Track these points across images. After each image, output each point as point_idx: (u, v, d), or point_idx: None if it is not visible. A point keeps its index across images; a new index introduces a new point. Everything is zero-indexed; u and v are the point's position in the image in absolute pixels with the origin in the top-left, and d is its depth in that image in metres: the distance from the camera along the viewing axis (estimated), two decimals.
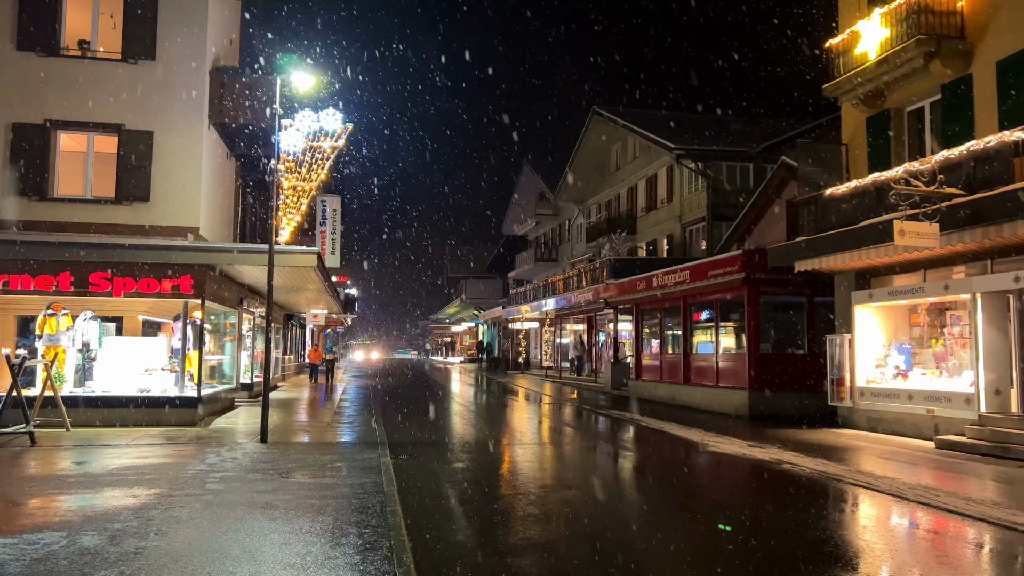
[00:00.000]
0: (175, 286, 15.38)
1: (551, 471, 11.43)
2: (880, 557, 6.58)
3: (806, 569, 6.14)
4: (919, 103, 14.96)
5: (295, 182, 16.00)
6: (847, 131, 16.77)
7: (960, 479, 10.29)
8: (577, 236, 44.52)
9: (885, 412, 15.08)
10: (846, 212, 15.02)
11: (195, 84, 16.86)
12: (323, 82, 13.94)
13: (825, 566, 6.20)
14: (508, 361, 49.78)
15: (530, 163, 51.61)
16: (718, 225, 29.89)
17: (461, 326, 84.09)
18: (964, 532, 7.50)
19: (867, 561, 6.44)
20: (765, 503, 8.93)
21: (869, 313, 15.97)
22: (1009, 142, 11.39)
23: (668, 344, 24.40)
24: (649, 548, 6.94)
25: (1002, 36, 12.92)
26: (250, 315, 23.60)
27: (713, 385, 20.71)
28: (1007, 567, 6.59)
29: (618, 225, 36.40)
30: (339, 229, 24.34)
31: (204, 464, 10.61)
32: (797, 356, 19.50)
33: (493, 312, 52.47)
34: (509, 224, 58.61)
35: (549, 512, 8.33)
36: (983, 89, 13.23)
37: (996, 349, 12.94)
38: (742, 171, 31.01)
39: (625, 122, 35.05)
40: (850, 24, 15.93)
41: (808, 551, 6.70)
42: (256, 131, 18.00)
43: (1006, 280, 12.36)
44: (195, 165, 16.58)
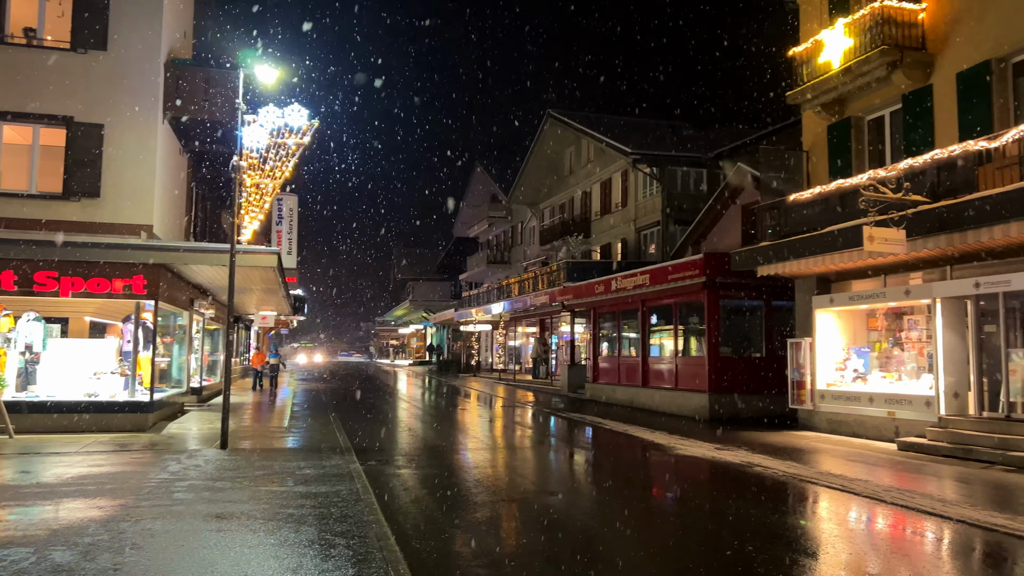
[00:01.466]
0: (127, 286, 14.75)
1: (528, 477, 11.27)
2: (876, 559, 6.61)
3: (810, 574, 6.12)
4: (880, 112, 15.29)
5: (258, 179, 15.51)
6: (808, 138, 17.05)
7: (929, 480, 10.48)
8: (530, 239, 44.51)
9: (846, 415, 15.35)
10: (809, 217, 15.25)
11: (149, 76, 16.21)
12: (288, 76, 13.53)
13: (829, 569, 6.19)
14: (460, 364, 49.46)
15: (482, 165, 51.43)
16: (672, 230, 30.17)
17: (409, 328, 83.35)
18: (946, 532, 7.60)
19: (874, 564, 6.45)
20: (749, 507, 8.92)
21: (829, 317, 16.26)
22: (973, 151, 11.69)
23: (626, 347, 24.49)
24: (648, 555, 6.83)
25: (962, 49, 13.27)
26: (200, 316, 22.88)
27: (672, 388, 20.84)
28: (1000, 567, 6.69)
29: (572, 229, 36.49)
30: (296, 229, 23.74)
31: (166, 472, 10.15)
32: (755, 359, 19.76)
33: (444, 314, 52.10)
34: (460, 226, 58.32)
35: (537, 519, 8.17)
36: (943, 100, 13.57)
37: (955, 353, 13.28)
38: (695, 176, 31.38)
39: (580, 126, 35.15)
40: (812, 33, 16.20)
41: (803, 555, 6.69)
42: (213, 126, 17.41)
43: (967, 286, 12.68)
44: (149, 160, 15.94)
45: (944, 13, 13.69)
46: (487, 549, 6.98)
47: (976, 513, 8.17)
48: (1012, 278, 11.85)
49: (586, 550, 7.00)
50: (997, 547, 7.09)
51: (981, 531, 7.50)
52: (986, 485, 10.09)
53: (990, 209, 10.86)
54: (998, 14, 12.66)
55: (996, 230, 10.95)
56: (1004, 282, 11.98)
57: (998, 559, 6.83)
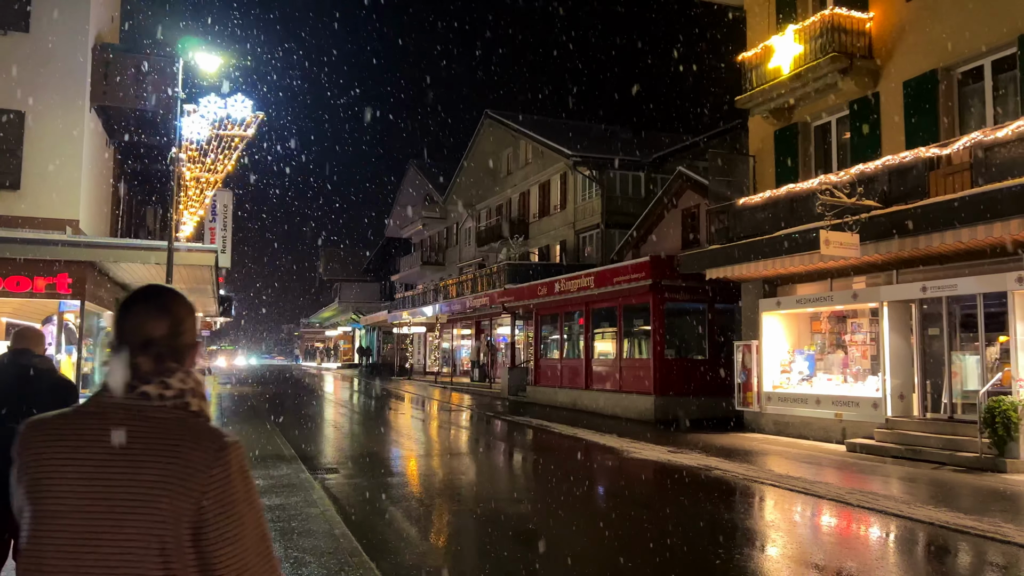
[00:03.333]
0: (50, 285, 13.74)
1: (488, 482, 10.94)
2: (856, 560, 6.55)
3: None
4: (827, 118, 15.55)
5: (199, 173, 14.68)
6: (755, 143, 17.24)
7: (888, 482, 10.61)
8: (466, 240, 44.12)
9: (792, 416, 15.54)
10: (759, 221, 15.39)
11: (75, 61, 15.18)
12: (230, 63, 12.84)
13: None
14: (392, 367, 48.66)
15: (416, 164, 50.77)
16: (611, 232, 30.29)
17: (336, 330, 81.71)
18: (912, 531, 7.63)
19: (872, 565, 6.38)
20: (722, 512, 8.82)
21: (775, 320, 16.45)
22: (924, 158, 11.94)
23: (569, 349, 24.39)
24: (635, 567, 6.60)
25: (909, 57, 13.58)
26: None
27: (617, 390, 20.81)
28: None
29: (511, 230, 36.30)
30: (230, 227, 22.77)
31: None
32: (699, 361, 19.90)
33: (377, 316, 51.16)
34: (393, 226, 57.43)
35: (507, 527, 7.85)
36: (890, 107, 13.87)
37: (900, 355, 13.56)
38: (634, 180, 31.61)
39: (519, 127, 35.00)
40: (760, 39, 16.38)
41: (793, 562, 6.58)
42: (144, 116, 16.43)
43: (914, 290, 12.96)
44: (75, 151, 14.91)
45: (891, 23, 14.00)
46: (464, 564, 6.63)
47: (940, 514, 8.24)
48: (959, 282, 12.15)
49: (564, 561, 6.72)
50: (973, 548, 7.14)
51: (946, 531, 7.55)
52: (942, 486, 10.26)
53: (942, 215, 11.08)
54: (945, 26, 12.99)
55: (948, 235, 11.19)
56: (951, 286, 12.28)
57: (969, 559, 6.86)
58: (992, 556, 6.89)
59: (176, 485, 1.48)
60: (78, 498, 1.49)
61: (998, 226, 10.53)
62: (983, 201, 10.50)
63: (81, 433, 1.55)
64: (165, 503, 1.47)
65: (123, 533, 1.46)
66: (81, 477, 1.50)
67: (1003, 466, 10.81)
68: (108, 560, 1.46)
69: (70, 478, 1.50)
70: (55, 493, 1.50)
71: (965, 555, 7.04)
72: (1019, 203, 10.08)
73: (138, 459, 1.50)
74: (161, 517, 1.47)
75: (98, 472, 1.50)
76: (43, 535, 1.50)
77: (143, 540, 1.46)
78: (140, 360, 1.58)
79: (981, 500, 9.26)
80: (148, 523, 1.47)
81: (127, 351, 1.58)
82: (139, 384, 1.57)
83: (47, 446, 1.55)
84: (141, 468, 1.49)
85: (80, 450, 1.52)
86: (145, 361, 1.58)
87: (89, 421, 1.56)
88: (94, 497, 1.49)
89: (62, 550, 1.48)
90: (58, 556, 1.48)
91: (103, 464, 1.50)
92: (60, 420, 1.59)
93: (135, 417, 1.54)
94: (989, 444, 11.00)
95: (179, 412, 1.58)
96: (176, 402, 1.58)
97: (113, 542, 1.46)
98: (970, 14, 12.61)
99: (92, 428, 1.54)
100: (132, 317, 1.63)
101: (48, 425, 1.58)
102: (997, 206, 10.31)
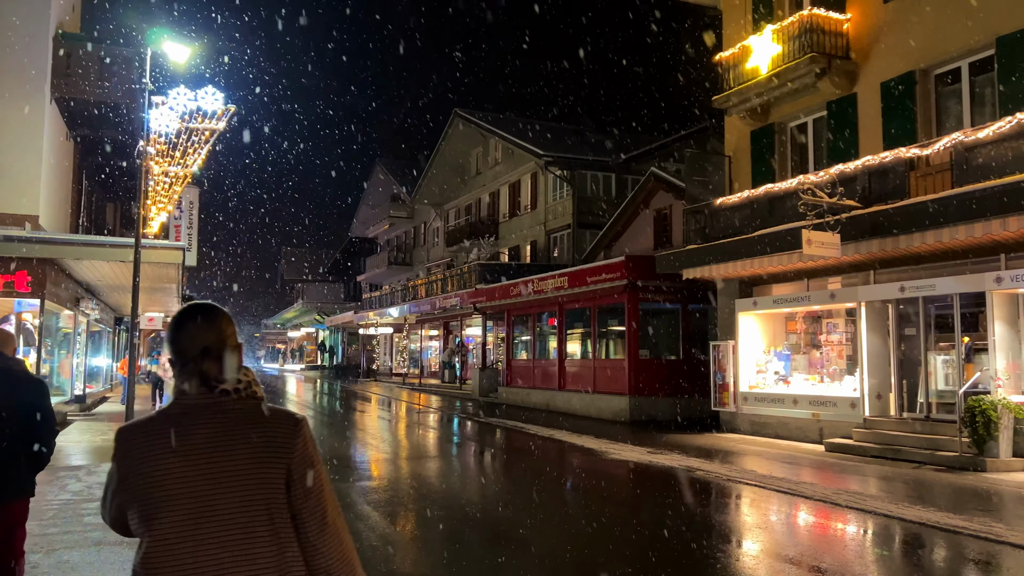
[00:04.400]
0: (8, 283, 13.24)
1: (468, 487, 10.70)
2: (863, 563, 6.45)
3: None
4: (804, 118, 15.59)
5: (168, 167, 14.17)
6: (731, 143, 17.24)
7: (873, 482, 10.59)
8: (434, 240, 43.75)
9: (769, 416, 15.54)
10: (737, 221, 15.37)
11: (35, 51, 14.62)
12: (198, 55, 12.40)
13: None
14: (359, 368, 48.07)
15: (383, 163, 50.20)
16: (582, 233, 30.23)
17: (300, 331, 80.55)
18: (902, 531, 7.57)
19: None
20: (713, 514, 8.69)
21: (752, 320, 16.46)
22: (904, 158, 11.99)
23: (542, 350, 24.23)
24: (634, 565, 6.41)
25: (887, 59, 13.66)
26: (84, 317, 21.01)
27: (591, 391, 20.68)
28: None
29: (480, 230, 36.03)
30: (196, 224, 22.17)
31: (67, 492, 8.98)
32: (674, 362, 19.88)
33: (343, 317, 50.49)
34: (359, 226, 56.73)
35: (494, 531, 7.62)
36: (868, 107, 13.94)
37: (877, 355, 13.62)
38: (605, 180, 31.59)
39: (489, 126, 34.76)
40: (736, 39, 16.38)
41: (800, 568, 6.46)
42: (106, 109, 15.88)
43: (892, 290, 13.02)
44: (34, 144, 14.34)
45: (869, 24, 14.07)
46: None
47: (930, 514, 8.21)
48: (937, 282, 12.22)
49: (565, 569, 6.52)
50: (968, 548, 7.09)
51: (938, 531, 7.50)
52: (926, 485, 10.27)
53: (924, 215, 11.12)
54: (922, 28, 13.08)
55: (929, 235, 11.24)
56: (929, 286, 12.34)
57: (970, 558, 6.81)
58: (1003, 560, 6.84)
59: (268, 458, 1.90)
60: (188, 482, 1.83)
61: (979, 226, 10.59)
62: (965, 201, 10.54)
63: (178, 431, 1.87)
64: (264, 473, 1.88)
65: (234, 502, 1.84)
66: (186, 464, 1.84)
67: (983, 465, 10.87)
68: (227, 525, 1.83)
69: (175, 468, 1.83)
70: (165, 482, 1.83)
71: (965, 556, 6.99)
72: (1001, 203, 10.14)
73: (232, 443, 1.88)
74: (262, 484, 1.87)
75: (201, 458, 1.85)
76: (161, 516, 1.82)
77: (251, 504, 1.85)
78: (207, 366, 1.94)
79: (966, 499, 9.27)
80: (253, 490, 1.86)
81: (193, 360, 1.94)
82: (216, 384, 1.93)
83: (147, 448, 1.86)
84: (236, 450, 1.87)
85: (181, 444, 1.85)
86: (211, 366, 1.95)
87: (181, 420, 1.90)
88: (201, 479, 1.83)
89: (182, 524, 1.81)
90: (179, 529, 1.81)
91: (202, 452, 1.85)
92: (150, 424, 1.91)
93: (219, 411, 1.92)
94: (969, 443, 11.06)
95: (250, 401, 1.96)
96: (245, 392, 1.96)
97: (227, 510, 1.83)
98: (947, 16, 12.71)
99: (184, 426, 1.88)
100: (188, 332, 1.97)
101: (140, 430, 1.91)
102: (979, 206, 10.36)
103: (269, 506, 1.87)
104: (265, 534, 1.85)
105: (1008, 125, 10.55)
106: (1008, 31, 11.74)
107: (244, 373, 1.98)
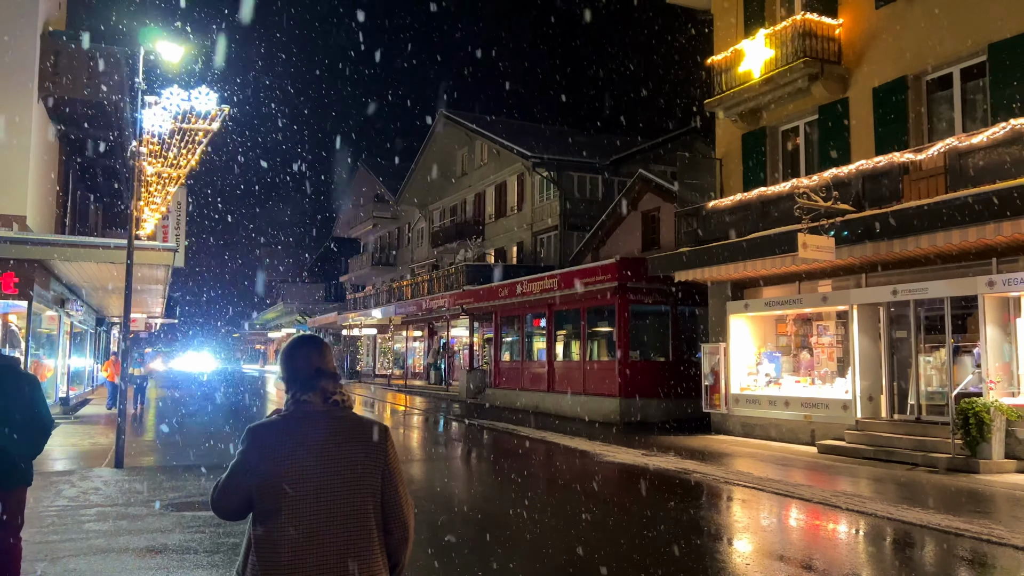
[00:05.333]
0: None
1: (471, 490, 10.66)
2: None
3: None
4: (796, 122, 15.71)
5: (160, 168, 13.98)
6: (722, 146, 17.33)
7: (870, 484, 10.68)
8: (419, 241, 43.61)
9: (760, 418, 15.63)
10: (729, 224, 15.45)
11: (22, 48, 14.38)
12: (192, 55, 12.27)
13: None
14: (343, 369, 47.84)
15: (366, 163, 49.96)
16: (569, 234, 30.27)
17: (280, 332, 79.93)
18: (904, 535, 7.64)
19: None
20: (713, 516, 8.73)
21: (742, 322, 16.55)
22: (898, 163, 12.11)
23: (531, 351, 24.22)
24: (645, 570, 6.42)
25: (878, 64, 13.79)
26: (69, 318, 20.72)
27: (581, 393, 20.71)
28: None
29: (466, 232, 35.96)
30: (184, 225, 21.93)
31: (63, 498, 8.85)
32: (663, 363, 19.95)
33: (326, 317, 50.19)
34: (342, 226, 56.42)
35: (511, 537, 7.59)
36: (860, 112, 14.06)
37: (869, 358, 13.75)
38: (592, 182, 31.64)
39: (476, 127, 34.70)
40: (727, 43, 16.47)
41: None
42: (94, 108, 15.66)
43: (884, 293, 13.14)
44: (22, 144, 14.11)
45: (860, 30, 14.20)
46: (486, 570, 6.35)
47: (930, 516, 8.30)
48: (929, 286, 12.35)
49: (572, 565, 6.51)
50: (968, 550, 7.17)
51: (942, 535, 7.58)
52: (923, 487, 10.38)
53: (919, 219, 11.23)
54: (913, 34, 13.22)
55: (923, 239, 11.35)
56: (921, 290, 12.48)
57: (971, 560, 6.89)
58: (999, 560, 6.92)
59: (372, 456, 2.48)
60: (312, 471, 2.38)
61: (973, 231, 10.72)
62: (960, 206, 10.66)
63: (303, 431, 2.44)
64: (369, 464, 2.47)
65: (347, 485, 2.41)
66: (310, 455, 2.40)
67: (976, 466, 11.01)
68: (342, 503, 2.40)
69: (302, 459, 2.39)
70: (293, 470, 2.37)
71: (964, 557, 7.06)
72: (995, 208, 10.27)
73: (347, 443, 2.46)
74: (368, 472, 2.46)
75: (322, 451, 2.42)
76: (291, 495, 2.35)
77: (361, 487, 2.44)
78: (324, 383, 2.52)
79: (962, 501, 9.37)
80: (361, 476, 2.44)
81: (311, 378, 2.51)
82: (330, 397, 2.51)
83: (279, 441, 2.42)
84: (352, 448, 2.46)
85: (306, 441, 2.41)
86: (328, 383, 2.52)
87: (305, 422, 2.46)
88: (322, 466, 2.40)
89: (308, 500, 2.36)
90: (307, 503, 2.36)
91: (324, 447, 2.42)
92: (281, 424, 2.47)
93: (334, 418, 2.49)
94: (962, 445, 11.19)
95: (349, 411, 2.55)
96: (346, 404, 2.55)
97: (350, 492, 2.41)
98: (939, 23, 12.85)
99: (308, 427, 2.45)
100: (304, 357, 2.56)
101: (272, 428, 2.47)
102: (974, 211, 10.48)
103: (374, 494, 2.45)
104: (370, 511, 2.44)
105: (1002, 131, 10.68)
106: (999, 38, 11.89)
107: (344, 390, 2.55)
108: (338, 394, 2.51)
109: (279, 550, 2.33)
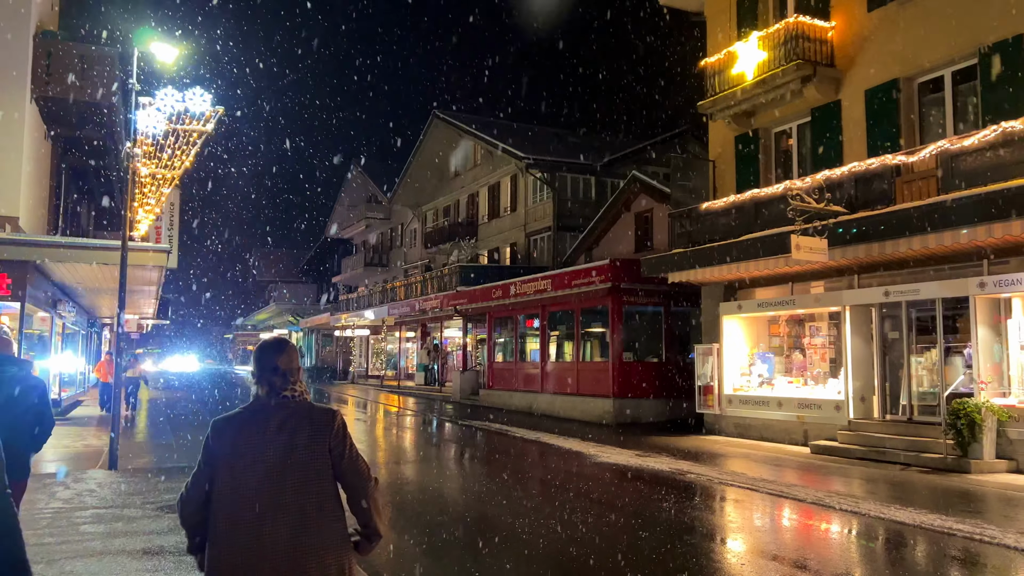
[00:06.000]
0: None
1: (463, 491, 10.67)
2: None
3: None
4: (789, 124, 15.79)
5: (155, 169, 13.95)
6: (715, 148, 17.41)
7: (864, 484, 10.74)
8: (412, 241, 43.58)
9: (753, 419, 15.70)
10: (722, 225, 15.52)
11: (15, 49, 14.34)
12: (186, 56, 12.24)
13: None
14: (335, 370, 47.74)
15: (360, 164, 49.90)
16: (563, 235, 30.32)
17: (272, 333, 79.80)
18: (904, 535, 7.70)
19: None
20: (710, 517, 8.76)
21: (735, 323, 16.61)
22: (891, 165, 12.19)
23: (525, 353, 24.25)
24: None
25: (871, 67, 13.88)
26: (61, 319, 20.63)
27: (574, 393, 20.75)
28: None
29: (459, 232, 35.97)
30: (177, 226, 21.84)
31: (57, 500, 8.83)
32: (656, 364, 20.01)
33: (318, 318, 50.08)
34: (334, 226, 56.31)
35: (504, 538, 7.61)
36: (852, 114, 14.15)
37: (861, 358, 13.83)
38: (585, 183, 31.71)
39: (469, 128, 34.72)
40: (720, 46, 16.54)
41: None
42: (87, 109, 15.61)
43: (876, 294, 13.23)
44: (15, 145, 14.07)
45: (853, 32, 14.28)
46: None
47: (925, 516, 8.36)
48: (921, 287, 12.44)
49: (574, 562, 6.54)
50: (962, 550, 7.23)
51: (938, 535, 7.64)
52: (917, 488, 10.45)
53: (911, 221, 11.31)
54: (906, 36, 13.31)
55: (915, 241, 11.43)
56: (913, 291, 12.56)
57: (969, 560, 6.95)
58: (990, 559, 6.98)
59: (316, 438, 2.80)
60: (262, 455, 2.73)
61: (965, 233, 10.81)
62: (952, 208, 10.74)
63: (259, 420, 2.80)
64: (316, 447, 2.78)
65: (297, 465, 2.74)
66: (264, 442, 2.74)
67: (967, 467, 11.09)
68: (299, 481, 2.72)
69: (256, 444, 2.74)
70: (248, 455, 2.72)
71: (956, 556, 7.12)
72: (987, 210, 10.35)
73: (295, 429, 2.79)
74: (315, 454, 2.77)
75: (276, 437, 2.76)
76: (247, 474, 2.70)
77: (313, 469, 2.75)
78: (275, 380, 2.87)
79: (953, 500, 9.45)
80: (315, 457, 2.77)
81: (267, 375, 2.87)
82: (281, 391, 2.85)
83: (238, 431, 2.79)
84: (298, 433, 2.78)
85: (261, 429, 2.77)
86: (278, 380, 2.87)
87: (260, 414, 2.82)
88: (273, 453, 2.73)
89: (261, 482, 2.69)
90: (261, 481, 2.69)
91: (276, 434, 2.76)
92: (238, 416, 2.84)
93: (284, 408, 2.83)
94: (953, 445, 11.27)
95: (303, 401, 2.87)
96: (300, 397, 2.88)
97: (300, 472, 2.73)
98: (931, 26, 12.94)
99: (261, 417, 2.81)
100: (266, 357, 2.89)
101: (231, 421, 2.83)
102: (966, 213, 10.57)
103: (320, 469, 2.77)
104: (323, 488, 2.76)
105: (993, 134, 10.77)
106: (991, 41, 11.99)
107: (299, 385, 2.89)
108: (289, 389, 2.83)
109: (236, 531, 2.62)
